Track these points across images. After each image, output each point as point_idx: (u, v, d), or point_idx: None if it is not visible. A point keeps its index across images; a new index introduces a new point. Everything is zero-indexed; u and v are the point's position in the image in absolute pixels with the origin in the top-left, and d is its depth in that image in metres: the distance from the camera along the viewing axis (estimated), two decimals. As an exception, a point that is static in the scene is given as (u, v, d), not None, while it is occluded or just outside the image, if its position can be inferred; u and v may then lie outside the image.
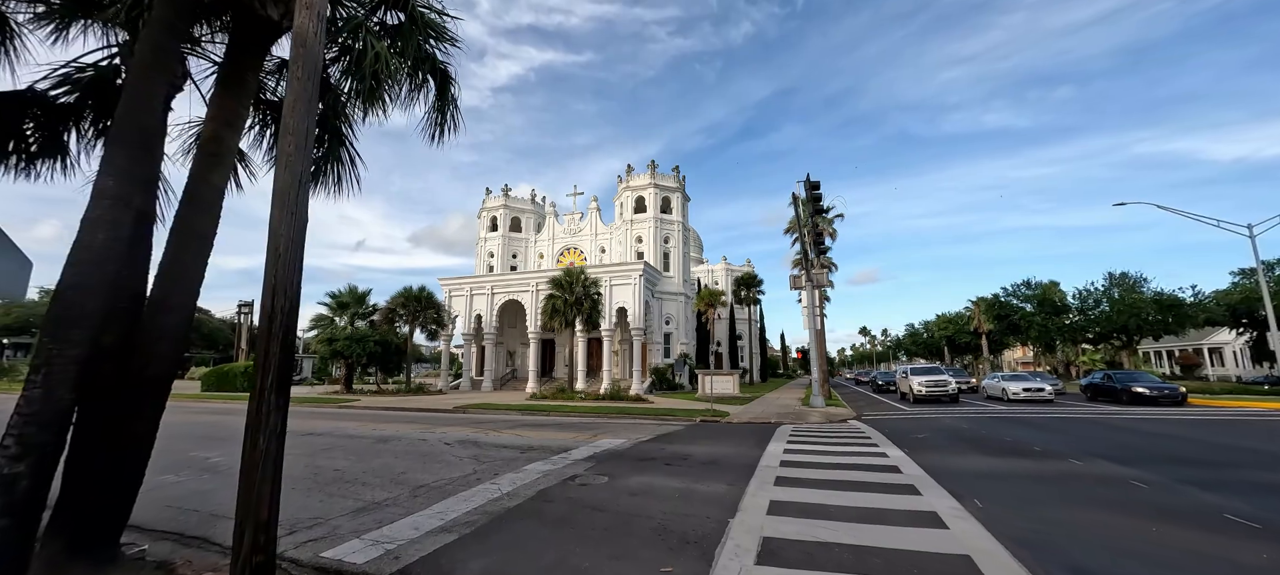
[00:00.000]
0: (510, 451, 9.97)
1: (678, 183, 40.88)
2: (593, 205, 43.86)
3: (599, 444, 10.89)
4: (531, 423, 15.68)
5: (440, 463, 8.94)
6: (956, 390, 23.86)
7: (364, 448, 10.59)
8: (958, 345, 57.42)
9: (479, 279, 38.61)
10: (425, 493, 6.88)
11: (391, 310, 33.12)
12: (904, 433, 12.66)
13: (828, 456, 9.18)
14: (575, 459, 9.11)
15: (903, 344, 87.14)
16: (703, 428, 14.56)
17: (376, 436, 12.27)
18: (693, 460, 9.01)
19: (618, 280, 34.10)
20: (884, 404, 24.59)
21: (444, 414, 19.76)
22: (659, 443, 11.23)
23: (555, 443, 11.12)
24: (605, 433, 12.93)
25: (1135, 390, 21.05)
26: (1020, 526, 5.18)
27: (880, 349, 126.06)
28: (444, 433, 12.97)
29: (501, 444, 10.96)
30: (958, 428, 13.70)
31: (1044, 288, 41.15)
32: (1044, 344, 42.57)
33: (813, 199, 15.75)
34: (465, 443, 11.14)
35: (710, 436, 12.48)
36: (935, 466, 8.11)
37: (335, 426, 14.48)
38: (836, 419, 17.65)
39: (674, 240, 40.17)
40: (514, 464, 8.70)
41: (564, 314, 28.24)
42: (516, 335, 41.18)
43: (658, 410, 19.56)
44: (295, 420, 17.21)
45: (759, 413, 19.33)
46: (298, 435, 12.47)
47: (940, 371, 25.60)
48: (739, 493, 6.62)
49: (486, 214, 45.69)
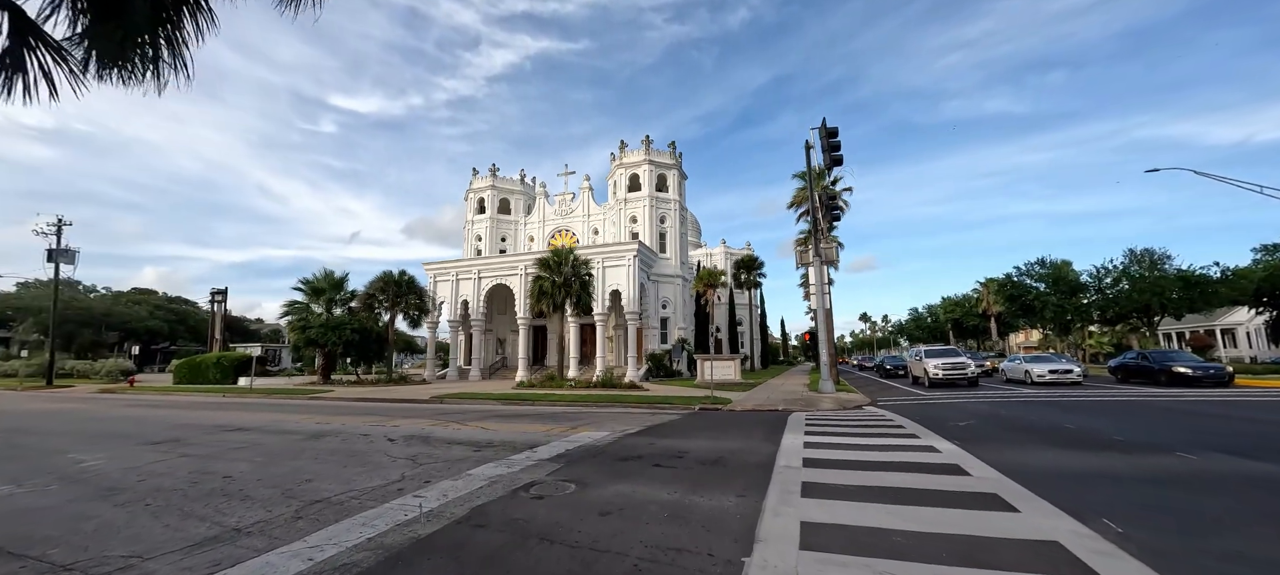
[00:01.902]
0: (463, 449, 8.02)
1: (674, 159, 38.67)
2: (585, 185, 41.66)
3: (576, 438, 8.95)
4: (508, 413, 13.74)
5: (366, 466, 6.98)
6: (975, 373, 22.03)
7: (285, 448, 8.62)
8: (964, 328, 55.66)
9: (464, 263, 36.53)
10: (316, 512, 4.92)
11: (370, 296, 31.07)
12: (939, 419, 10.75)
13: (861, 452, 7.24)
14: (539, 459, 7.16)
15: (905, 328, 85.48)
16: (702, 417, 12.65)
17: (311, 432, 10.30)
18: (690, 459, 7.06)
19: (611, 261, 32.06)
20: (896, 389, 22.76)
21: (415, 404, 17.81)
22: (649, 436, 9.29)
23: (523, 437, 9.18)
24: (588, 424, 11.00)
25: (1176, 370, 19.20)
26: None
27: (881, 335, 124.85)
28: (397, 427, 11.02)
29: (456, 440, 9.00)
30: (997, 413, 11.80)
31: (1058, 267, 39.23)
32: (1059, 325, 40.72)
33: (830, 148, 13.64)
34: (413, 439, 9.18)
35: (711, 427, 10.55)
36: (1008, 465, 6.18)
37: (274, 421, 12.51)
38: (851, 405, 15.77)
39: (670, 220, 38.05)
40: (459, 467, 6.74)
41: (552, 297, 26.23)
42: (506, 322, 39.23)
43: (652, 398, 17.66)
44: (239, 413, 15.22)
45: (764, 399, 17.43)
46: (218, 429, 10.51)
47: (957, 353, 23.73)
48: (754, 509, 4.68)
49: (473, 196, 43.45)
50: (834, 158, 13.59)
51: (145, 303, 75.65)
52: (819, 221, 17.15)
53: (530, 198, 44.44)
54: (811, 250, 22.47)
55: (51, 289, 69.36)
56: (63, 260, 36.03)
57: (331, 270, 32.25)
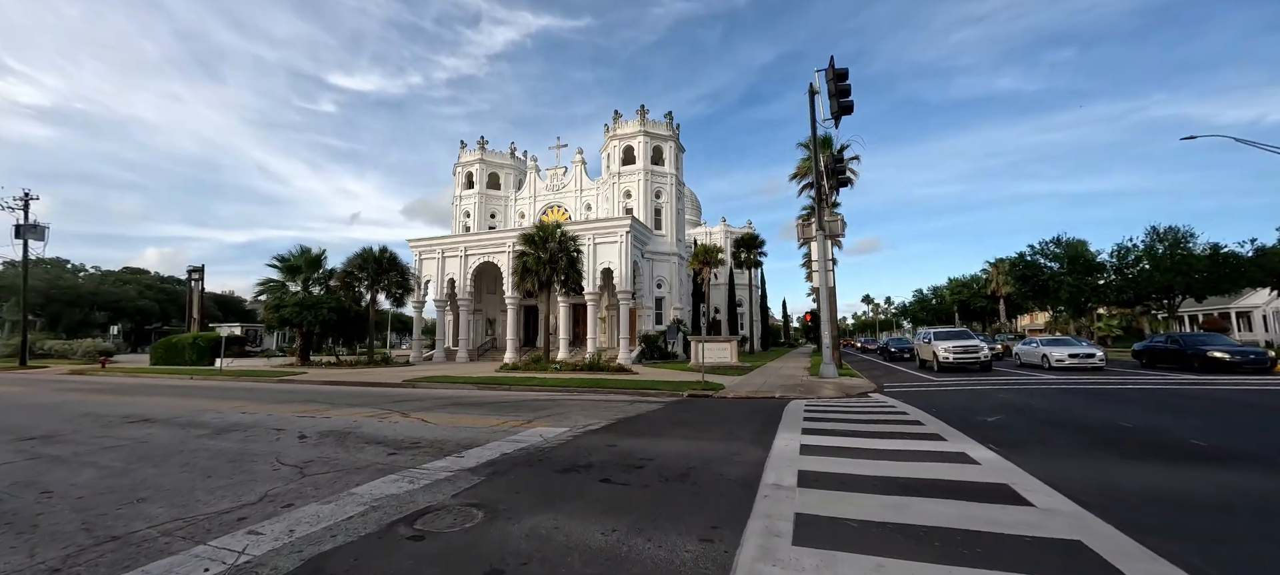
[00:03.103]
0: (376, 452, 6.46)
1: (671, 131, 36.61)
2: (577, 158, 39.65)
3: (524, 436, 7.38)
4: (471, 401, 12.21)
5: (238, 477, 5.43)
6: (988, 357, 20.45)
7: (167, 447, 7.09)
8: (972, 310, 53.94)
9: (450, 239, 34.83)
10: (91, 559, 3.36)
11: (349, 274, 29.43)
12: (961, 412, 9.15)
13: (874, 461, 5.65)
14: (461, 468, 5.58)
15: (909, 310, 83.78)
16: (688, 406, 11.09)
17: (222, 426, 8.77)
18: (653, 471, 5.48)
19: (602, 238, 30.32)
20: (903, 373, 21.24)
21: (381, 389, 16.33)
22: (615, 433, 7.71)
23: (462, 434, 7.62)
24: (550, 416, 9.44)
25: (1212, 355, 17.52)
26: None
27: (883, 317, 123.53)
28: (328, 418, 9.48)
29: (379, 438, 7.45)
30: (1028, 404, 10.20)
31: (1074, 245, 37.30)
32: (1074, 307, 38.92)
33: (838, 93, 11.67)
34: (329, 436, 7.63)
35: (694, 420, 8.98)
36: (1076, 485, 4.57)
37: (195, 410, 10.98)
38: (855, 392, 14.22)
39: (666, 195, 36.16)
40: (348, 481, 5.18)
41: (537, 274, 24.58)
42: (496, 301, 37.69)
43: (639, 383, 16.14)
44: (176, 398, 13.44)
45: (760, 385, 15.88)
46: (124, 419, 8.98)
47: (969, 336, 22.09)
48: (721, 565, 3.09)
49: (461, 170, 41.52)
50: (842, 105, 11.69)
51: (135, 282, 74.41)
52: (823, 189, 15.36)
53: (521, 172, 42.50)
54: (815, 223, 20.71)
55: (40, 267, 68.17)
56: (32, 237, 34.48)
57: (309, 247, 30.66)
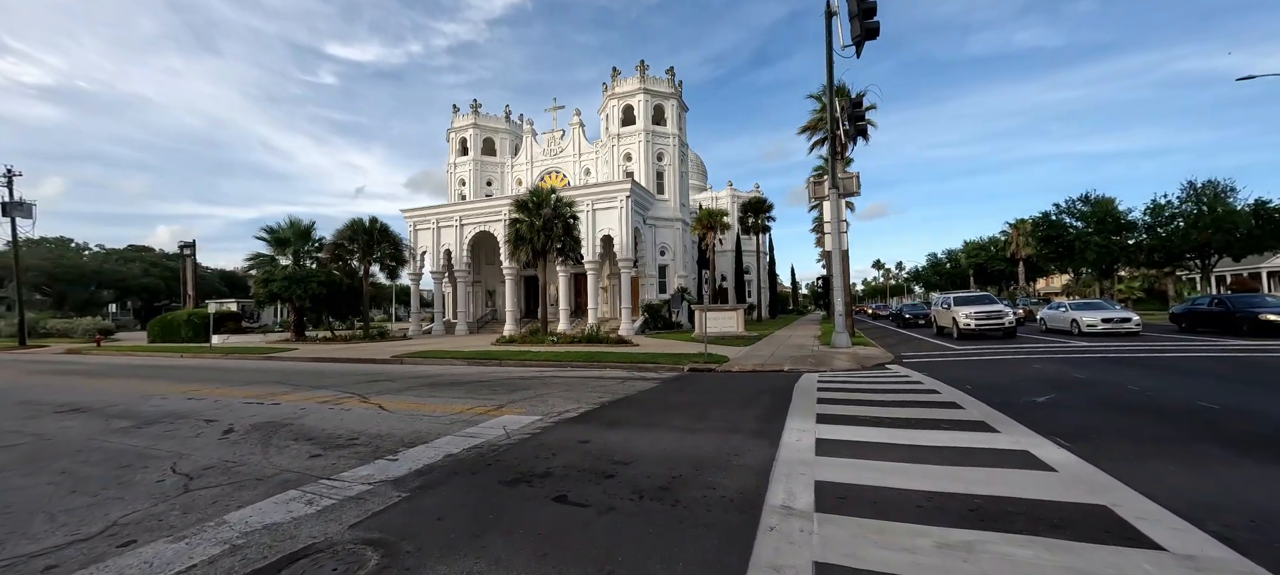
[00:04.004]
0: (297, 452, 5.33)
1: (672, 88, 34.50)
2: (575, 120, 37.73)
3: (485, 427, 6.23)
4: (449, 380, 11.13)
5: (106, 492, 4.33)
6: (1013, 323, 19.06)
7: (65, 446, 6.02)
8: (989, 273, 52.01)
9: (444, 209, 33.49)
10: None
11: (338, 245, 28.33)
12: (996, 390, 7.86)
13: (911, 463, 4.40)
14: (382, 480, 4.42)
15: (922, 275, 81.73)
16: (687, 383, 9.90)
17: (155, 416, 7.71)
18: (629, 477, 4.28)
19: (601, 203, 28.82)
20: (920, 341, 19.97)
21: (367, 366, 15.37)
22: (592, 422, 6.53)
23: (412, 427, 6.48)
24: (527, 400, 8.29)
25: (1265, 318, 15.94)
26: None
27: (893, 282, 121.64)
28: (278, 404, 8.41)
29: (314, 433, 6.32)
30: (1072, 377, 8.87)
31: (1102, 203, 35.10)
32: (1101, 268, 36.96)
33: (862, 12, 9.79)
34: (258, 429, 6.53)
35: (691, 403, 7.78)
36: (1197, 502, 3.31)
37: (133, 395, 9.97)
38: (871, 363, 12.98)
39: (669, 158, 34.34)
40: (237, 497, 4.04)
41: (531, 242, 23.29)
42: (496, 272, 36.55)
43: (637, 356, 14.99)
44: (138, 381, 11.88)
45: (768, 356, 14.67)
46: (58, 410, 7.94)
47: (992, 301, 20.62)
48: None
49: (455, 135, 39.80)
50: (866, 27, 9.83)
51: (140, 260, 74.14)
52: (839, 139, 13.70)
53: (517, 137, 40.71)
54: (827, 182, 19.09)
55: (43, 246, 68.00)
56: (19, 214, 33.59)
57: (298, 219, 29.49)
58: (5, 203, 33.04)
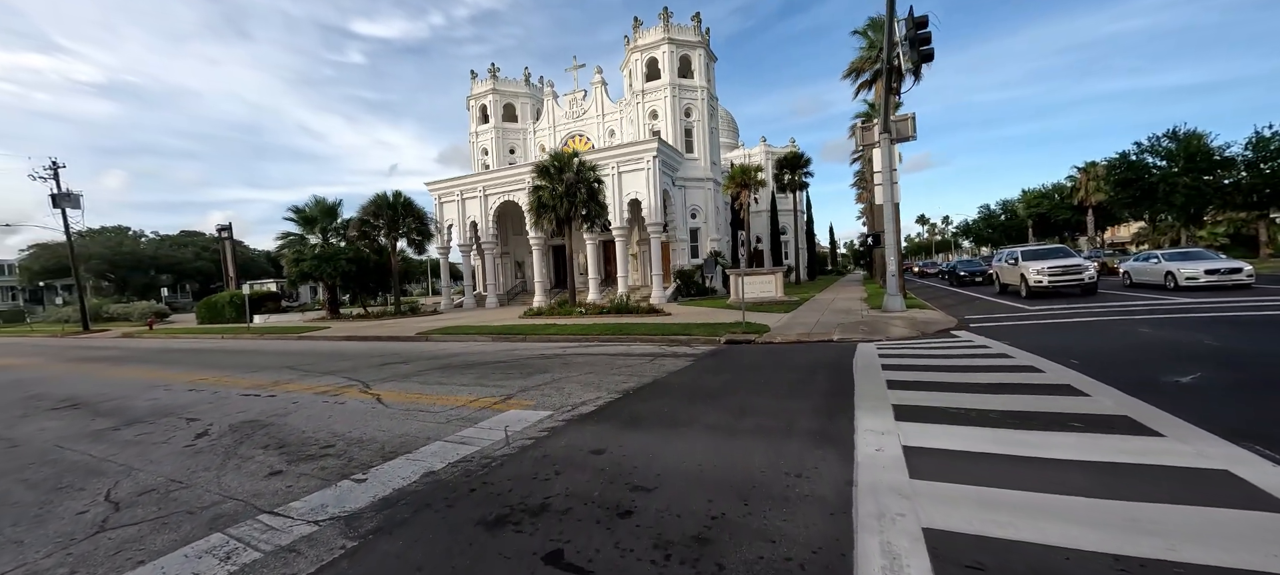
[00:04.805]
0: (261, 467, 4.44)
1: (699, 36, 32.03)
2: (597, 79, 35.84)
3: (482, 430, 5.22)
4: (464, 361, 10.29)
5: (9, 526, 3.52)
6: (1094, 278, 16.77)
7: (34, 448, 5.38)
8: (1052, 224, 47.80)
9: (468, 179, 32.69)
10: None
11: (364, 221, 28.06)
12: (1116, 365, 6.29)
13: (1057, 488, 3.08)
14: (333, 515, 3.43)
15: (973, 228, 76.68)
16: (723, 359, 8.69)
17: (130, 414, 7.10)
18: (650, 518, 3.14)
19: (627, 165, 27.30)
20: (983, 301, 18.05)
21: (384, 345, 14.83)
22: (610, 421, 5.42)
23: (403, 428, 5.54)
24: (542, 386, 7.27)
25: None
26: None
27: (939, 238, 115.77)
28: (267, 398, 7.71)
29: (288, 440, 5.46)
30: (1201, 343, 7.14)
31: (1191, 139, 30.95)
32: (1189, 213, 32.92)
33: None
34: (233, 432, 5.73)
35: (729, 387, 6.58)
36: None
37: (139, 385, 9.53)
38: (931, 329, 11.40)
39: (697, 113, 32.20)
40: (152, 542, 3.13)
41: (554, 209, 22.20)
42: (523, 243, 35.83)
43: (668, 327, 13.85)
44: (153, 370, 11.35)
45: (813, 324, 13.24)
46: (37, 408, 7.49)
47: (1067, 253, 18.29)
48: None
49: (474, 103, 38.63)
50: None
51: (192, 244, 77.48)
52: (897, 65, 11.65)
53: (538, 101, 39.18)
54: (878, 126, 17.03)
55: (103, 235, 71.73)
56: (68, 204, 34.87)
57: (323, 198, 29.33)
58: (54, 194, 34.28)
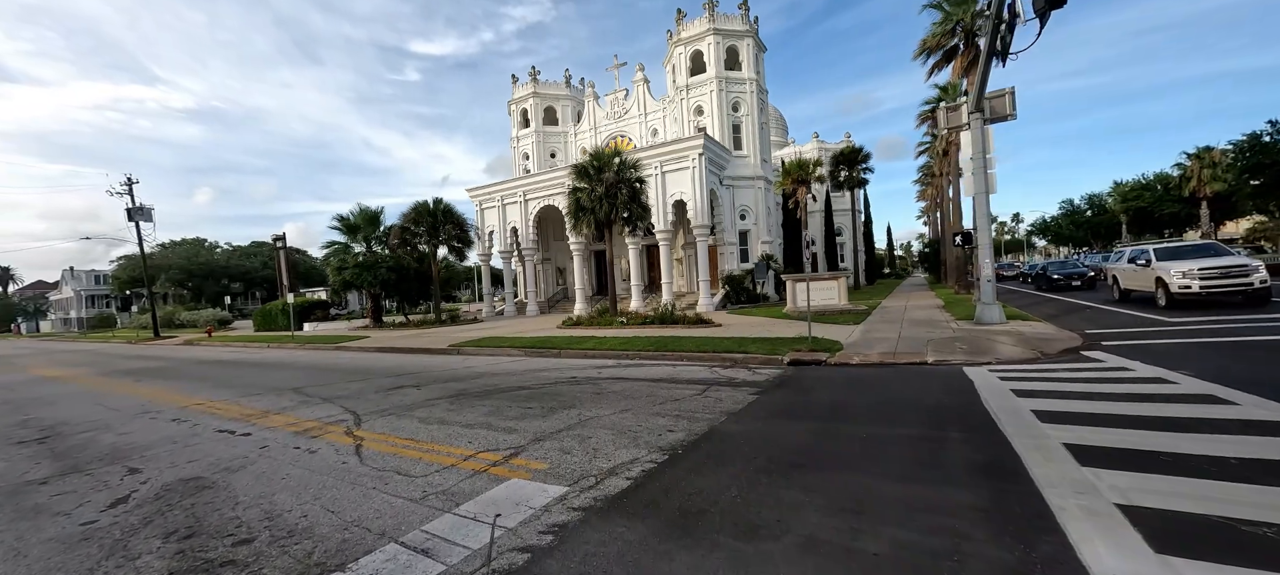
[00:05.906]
0: (148, 566, 3.01)
1: (747, 25, 29.93)
2: (639, 76, 34.37)
3: (455, 526, 3.59)
4: (483, 387, 8.83)
5: None
6: (1264, 283, 13.24)
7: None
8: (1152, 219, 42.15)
9: (508, 184, 31.96)
10: None
11: (404, 229, 27.74)
12: None
13: None
14: None
15: (1051, 226, 69.82)
16: (794, 389, 6.76)
17: (67, 462, 5.98)
18: None
19: (670, 164, 25.57)
20: (1090, 309, 15.21)
21: (414, 358, 13.71)
22: (645, 518, 3.65)
23: (362, 509, 4.00)
24: (562, 434, 5.61)
25: None
26: None
27: (1009, 237, 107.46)
28: (240, 437, 6.46)
29: (203, 520, 4.02)
30: None
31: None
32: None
33: None
34: (147, 505, 4.38)
35: (817, 444, 4.68)
36: None
37: (145, 408, 8.58)
38: (1050, 348, 8.99)
39: (745, 107, 30.07)
40: None
41: (593, 211, 20.78)
42: (564, 248, 34.84)
43: (720, 342, 11.96)
44: (163, 387, 10.72)
45: (893, 340, 10.97)
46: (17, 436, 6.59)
47: (1222, 251, 14.93)
48: None
49: (515, 107, 38.08)
50: None
51: (259, 254, 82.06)
52: (1001, 25, 9.27)
53: (579, 103, 38.18)
54: (967, 104, 14.50)
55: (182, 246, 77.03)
56: (141, 218, 36.92)
57: (367, 206, 29.34)
58: (130, 208, 36.33)
